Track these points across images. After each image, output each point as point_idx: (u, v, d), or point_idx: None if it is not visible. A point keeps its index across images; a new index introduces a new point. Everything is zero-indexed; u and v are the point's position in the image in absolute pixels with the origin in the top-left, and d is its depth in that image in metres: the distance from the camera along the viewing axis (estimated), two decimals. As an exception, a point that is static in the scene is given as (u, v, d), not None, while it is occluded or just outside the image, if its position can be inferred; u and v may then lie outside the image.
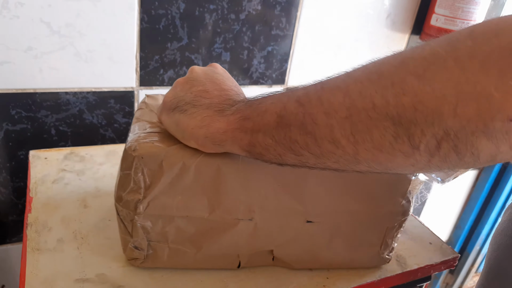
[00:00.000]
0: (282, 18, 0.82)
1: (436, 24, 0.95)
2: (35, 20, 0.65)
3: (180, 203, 0.42)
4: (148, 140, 0.41)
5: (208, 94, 0.38)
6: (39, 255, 0.46)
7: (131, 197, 0.41)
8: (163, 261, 0.45)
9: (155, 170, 0.40)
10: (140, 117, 0.47)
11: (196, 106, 0.37)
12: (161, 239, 0.44)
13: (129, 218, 0.42)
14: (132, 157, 0.39)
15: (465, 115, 0.24)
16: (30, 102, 0.70)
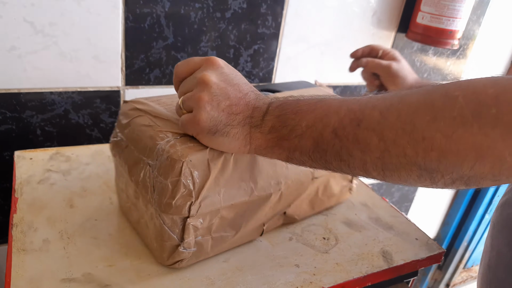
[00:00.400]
0: (268, 16, 0.82)
1: (422, 22, 0.96)
2: (18, 19, 0.64)
3: (224, 195, 0.44)
4: (185, 145, 0.42)
5: (236, 108, 0.40)
6: (25, 255, 0.46)
7: (182, 202, 0.41)
8: (207, 252, 0.48)
9: (204, 170, 0.42)
10: (157, 123, 0.45)
11: (234, 126, 0.40)
12: (206, 233, 0.46)
13: (180, 223, 0.43)
14: (180, 162, 0.40)
15: (480, 170, 0.30)
16: (15, 102, 0.70)
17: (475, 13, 1.11)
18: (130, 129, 0.47)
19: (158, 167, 0.41)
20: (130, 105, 0.50)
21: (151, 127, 0.45)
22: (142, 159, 0.44)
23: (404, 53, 1.06)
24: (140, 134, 0.45)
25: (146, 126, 0.45)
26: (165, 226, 0.43)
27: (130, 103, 0.50)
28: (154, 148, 0.42)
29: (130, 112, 0.49)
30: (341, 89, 1.02)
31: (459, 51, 1.16)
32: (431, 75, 1.15)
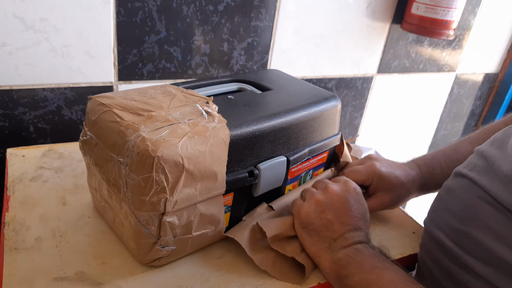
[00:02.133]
0: (261, 9, 0.82)
1: (417, 13, 0.96)
2: (8, 15, 0.63)
3: (201, 189, 0.43)
4: (157, 137, 0.40)
5: (332, 226, 0.47)
6: (17, 254, 0.46)
7: (157, 199, 0.40)
8: (186, 250, 0.47)
9: (177, 165, 0.40)
10: (125, 118, 0.43)
11: (319, 235, 0.48)
12: (186, 232, 0.45)
13: (156, 220, 0.42)
14: (152, 158, 0.38)
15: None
16: (7, 99, 0.69)
17: (470, 3, 1.10)
18: (97, 127, 0.45)
19: (129, 163, 0.40)
20: (96, 101, 0.47)
21: (118, 122, 0.43)
22: (112, 156, 0.42)
23: (399, 44, 1.05)
24: (109, 131, 0.43)
25: (113, 122, 0.43)
26: (140, 224, 0.42)
27: (95, 99, 0.47)
28: (124, 145, 0.41)
29: (96, 108, 0.46)
30: (336, 81, 1.01)
31: (454, 42, 1.15)
32: (426, 66, 1.14)
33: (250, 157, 0.48)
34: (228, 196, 0.48)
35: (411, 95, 1.18)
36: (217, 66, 0.84)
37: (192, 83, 0.56)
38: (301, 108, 0.53)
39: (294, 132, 0.52)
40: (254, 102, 0.53)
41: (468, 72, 1.26)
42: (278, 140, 0.50)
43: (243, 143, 0.46)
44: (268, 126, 0.48)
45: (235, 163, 0.47)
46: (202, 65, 0.82)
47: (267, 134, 0.49)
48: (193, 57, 0.80)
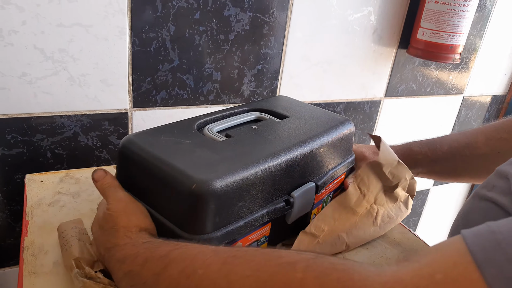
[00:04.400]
0: (270, 37, 0.84)
1: (423, 38, 0.98)
2: (28, 46, 0.67)
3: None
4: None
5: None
6: (35, 278, 0.47)
7: None
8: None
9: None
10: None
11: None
12: None
13: None
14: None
15: None
16: (26, 126, 0.72)
17: (476, 27, 1.12)
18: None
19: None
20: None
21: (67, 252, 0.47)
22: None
23: (406, 68, 1.07)
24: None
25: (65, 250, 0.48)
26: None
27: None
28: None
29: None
30: (345, 105, 1.03)
31: (461, 65, 1.17)
32: (433, 89, 1.16)
33: (285, 186, 0.50)
34: (267, 226, 0.50)
35: (419, 118, 1.19)
36: (228, 93, 0.86)
37: (211, 116, 0.57)
38: (323, 133, 0.55)
39: (319, 157, 0.54)
40: (278, 130, 0.55)
41: (475, 94, 1.27)
42: (307, 166, 0.52)
43: (280, 173, 0.48)
44: (299, 154, 0.50)
45: (273, 193, 0.49)
46: (214, 91, 0.84)
47: (298, 161, 0.50)
48: (205, 84, 0.83)
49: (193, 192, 0.41)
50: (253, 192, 0.46)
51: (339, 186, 0.63)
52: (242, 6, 0.79)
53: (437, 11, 0.94)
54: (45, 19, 0.66)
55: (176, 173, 0.43)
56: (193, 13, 0.75)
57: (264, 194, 0.47)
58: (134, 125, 0.80)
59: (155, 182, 0.45)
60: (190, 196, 0.41)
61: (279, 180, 0.49)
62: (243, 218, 0.46)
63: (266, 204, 0.48)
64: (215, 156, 0.46)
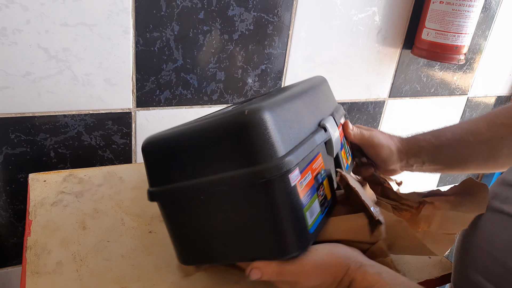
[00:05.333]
0: (274, 37, 0.84)
1: (427, 38, 0.97)
2: (33, 46, 0.66)
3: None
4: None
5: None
6: (38, 278, 0.47)
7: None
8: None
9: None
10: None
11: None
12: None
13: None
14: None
15: None
16: (29, 125, 0.72)
17: (480, 27, 1.12)
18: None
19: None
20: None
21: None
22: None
23: (410, 69, 1.06)
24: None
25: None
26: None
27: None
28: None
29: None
30: (349, 106, 1.02)
31: (465, 65, 1.16)
32: (438, 89, 1.15)
33: (315, 116, 0.50)
34: (319, 157, 0.47)
35: (423, 119, 1.18)
36: (232, 93, 0.86)
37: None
38: (316, 85, 0.57)
39: (324, 98, 0.57)
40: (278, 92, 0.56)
41: (480, 95, 1.26)
42: (321, 102, 0.54)
43: (310, 104, 0.49)
44: (315, 91, 0.53)
45: (310, 123, 0.48)
46: (217, 91, 0.84)
47: (315, 97, 0.53)
48: (208, 84, 0.82)
49: (247, 117, 0.38)
50: (297, 118, 0.45)
51: (343, 138, 0.61)
52: (246, 6, 0.79)
53: (442, 12, 0.94)
54: (49, 18, 0.66)
55: (219, 118, 0.40)
56: (197, 13, 0.75)
57: (305, 122, 0.46)
58: (137, 124, 0.79)
59: (198, 145, 0.41)
60: (247, 123, 0.38)
61: (311, 110, 0.50)
62: (304, 139, 0.44)
63: (310, 131, 0.47)
64: (257, 101, 0.44)
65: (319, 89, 0.57)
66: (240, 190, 0.40)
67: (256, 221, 0.41)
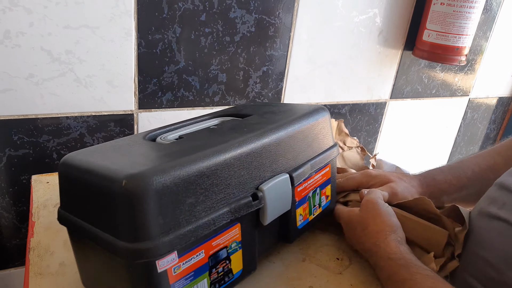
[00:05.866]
0: (276, 39, 0.84)
1: (428, 40, 0.98)
2: (36, 48, 0.67)
3: None
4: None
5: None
6: (41, 279, 0.47)
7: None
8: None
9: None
10: None
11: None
12: None
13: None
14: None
15: None
16: (32, 127, 0.72)
17: (481, 29, 1.12)
18: None
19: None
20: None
21: None
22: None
23: (412, 70, 1.07)
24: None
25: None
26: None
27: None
28: None
29: None
30: (350, 107, 1.03)
31: (467, 66, 1.16)
32: (439, 91, 1.15)
33: (249, 180, 0.44)
34: (235, 228, 0.43)
35: (424, 120, 1.19)
36: (234, 94, 0.86)
37: (170, 126, 0.52)
38: (293, 121, 0.50)
39: (291, 146, 0.49)
40: (240, 125, 0.49)
41: (481, 96, 1.26)
42: (275, 157, 0.47)
43: (237, 163, 0.42)
44: (262, 143, 0.45)
45: (236, 187, 0.42)
46: (219, 93, 0.84)
47: (263, 151, 0.45)
48: (210, 86, 0.83)
49: (123, 188, 0.34)
50: (205, 185, 0.39)
51: (327, 180, 0.58)
52: (248, 8, 0.79)
53: (443, 13, 0.94)
54: (52, 21, 0.66)
55: (106, 172, 0.36)
56: (199, 15, 0.76)
57: (221, 188, 0.40)
58: (139, 126, 0.80)
59: (89, 191, 0.38)
60: (121, 195, 0.34)
61: (239, 171, 0.42)
62: (199, 219, 0.38)
63: (228, 201, 0.41)
64: (157, 153, 0.40)
65: (291, 136, 0.49)
66: (108, 255, 0.37)
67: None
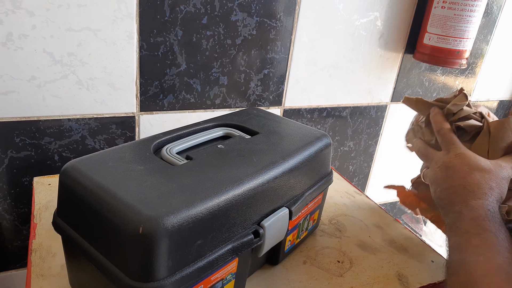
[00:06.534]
0: (277, 42, 0.85)
1: (429, 43, 0.98)
2: (38, 50, 0.67)
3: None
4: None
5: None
6: (43, 281, 0.47)
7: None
8: None
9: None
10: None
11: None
12: None
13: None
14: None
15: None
16: (34, 129, 0.72)
17: (482, 32, 1.12)
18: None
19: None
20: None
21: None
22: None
23: (412, 73, 1.07)
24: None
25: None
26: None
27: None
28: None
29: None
30: (351, 110, 1.03)
31: (467, 70, 1.17)
32: (440, 94, 1.15)
33: (253, 215, 0.44)
34: (233, 263, 0.44)
35: (425, 123, 1.19)
36: (235, 97, 0.86)
37: (174, 133, 0.52)
38: (297, 152, 0.50)
39: (293, 179, 0.49)
40: (247, 150, 0.49)
41: (482, 99, 1.27)
42: (278, 191, 0.47)
43: (247, 201, 0.42)
44: (269, 178, 0.45)
45: (239, 224, 0.43)
46: (220, 95, 0.84)
47: (269, 186, 0.45)
48: (211, 88, 0.83)
49: (140, 235, 0.34)
50: (214, 226, 0.40)
51: (317, 207, 0.59)
52: (249, 11, 0.79)
53: (444, 16, 0.94)
54: (54, 24, 0.66)
55: (121, 207, 0.36)
56: (200, 18, 0.76)
57: (228, 227, 0.41)
58: (141, 128, 0.80)
59: (96, 217, 0.38)
60: (136, 239, 0.35)
61: (246, 209, 0.43)
62: (203, 258, 0.39)
63: (231, 239, 0.42)
64: (170, 185, 0.40)
65: (296, 169, 0.49)
66: (108, 284, 0.38)
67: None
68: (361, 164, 1.14)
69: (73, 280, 0.46)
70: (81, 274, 0.44)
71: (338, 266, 0.56)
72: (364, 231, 0.65)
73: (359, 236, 0.63)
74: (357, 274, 0.55)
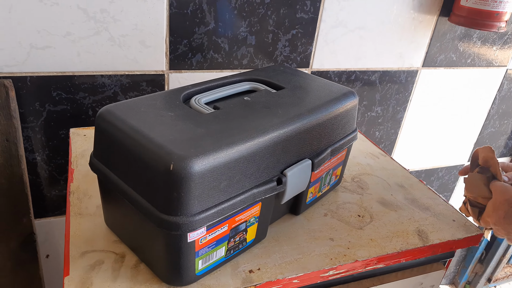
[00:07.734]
0: (306, 1, 0.83)
1: (466, 4, 0.94)
2: (72, 6, 0.69)
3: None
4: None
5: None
6: (81, 218, 0.51)
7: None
8: None
9: None
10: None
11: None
12: None
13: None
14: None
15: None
16: (69, 84, 0.75)
17: (525, -5, 1.06)
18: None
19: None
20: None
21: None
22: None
23: (447, 37, 1.03)
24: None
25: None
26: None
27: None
28: None
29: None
30: (380, 74, 1.01)
31: (506, 35, 1.11)
32: (475, 60, 1.11)
33: (277, 164, 0.46)
34: (256, 207, 0.46)
35: (457, 90, 1.15)
36: (262, 57, 0.86)
37: (202, 85, 0.54)
38: (323, 106, 0.51)
39: (318, 132, 0.50)
40: (273, 102, 0.50)
41: (520, 67, 1.21)
42: (302, 142, 0.48)
43: (271, 149, 0.44)
44: (293, 129, 0.46)
45: (264, 171, 0.45)
46: (248, 56, 0.85)
47: (293, 137, 0.46)
48: (239, 48, 0.83)
49: (171, 172, 0.37)
50: (240, 170, 0.41)
51: (340, 162, 0.60)
52: (279, -31, 0.78)
53: (483, -24, 0.90)
54: (88, -21, 0.68)
55: (153, 148, 0.39)
56: (230, -25, 0.76)
57: (253, 172, 0.43)
58: (170, 86, 0.82)
59: (130, 156, 0.41)
60: (167, 175, 0.37)
61: (270, 157, 0.44)
62: (229, 199, 0.42)
63: (255, 183, 0.44)
64: (199, 130, 0.42)
65: (321, 123, 0.50)
66: (147, 222, 0.41)
67: (153, 248, 0.43)
68: (388, 131, 1.13)
69: (108, 217, 0.50)
70: (115, 211, 0.48)
71: (359, 219, 0.58)
72: (387, 190, 0.65)
73: (381, 194, 0.64)
74: (377, 228, 0.56)
